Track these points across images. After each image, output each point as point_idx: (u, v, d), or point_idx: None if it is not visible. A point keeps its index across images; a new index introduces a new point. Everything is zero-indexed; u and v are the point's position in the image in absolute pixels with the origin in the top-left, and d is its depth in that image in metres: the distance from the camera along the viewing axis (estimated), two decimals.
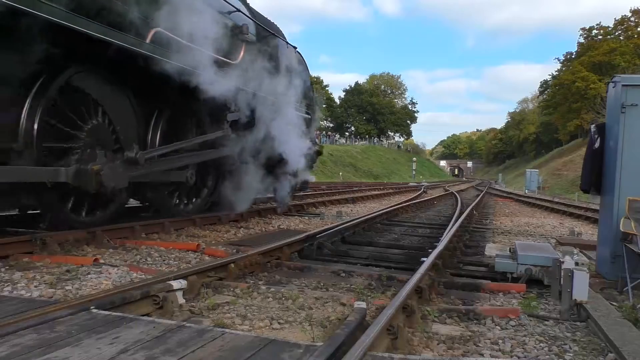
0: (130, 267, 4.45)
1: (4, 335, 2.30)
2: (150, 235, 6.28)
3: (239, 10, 7.91)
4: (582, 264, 4.73)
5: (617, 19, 58.79)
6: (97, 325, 2.51)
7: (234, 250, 5.56)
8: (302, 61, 10.65)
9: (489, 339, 3.05)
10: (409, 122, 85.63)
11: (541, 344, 3.00)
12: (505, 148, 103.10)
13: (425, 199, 17.20)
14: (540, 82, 75.71)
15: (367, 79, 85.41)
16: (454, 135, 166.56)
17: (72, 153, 5.50)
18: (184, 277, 3.67)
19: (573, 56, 63.11)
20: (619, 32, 58.65)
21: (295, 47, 10.29)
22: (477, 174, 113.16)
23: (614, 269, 4.61)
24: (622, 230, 4.42)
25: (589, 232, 9.47)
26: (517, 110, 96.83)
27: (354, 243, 6.73)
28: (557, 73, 66.00)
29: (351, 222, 7.69)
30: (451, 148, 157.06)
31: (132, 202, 8.66)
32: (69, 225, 5.64)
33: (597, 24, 60.58)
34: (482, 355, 2.81)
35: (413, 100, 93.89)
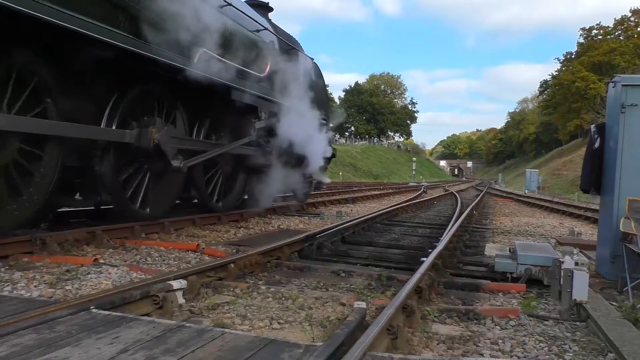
0: (130, 267, 4.45)
1: (4, 335, 2.30)
2: (150, 235, 6.27)
3: (266, 29, 8.96)
4: (582, 264, 4.73)
5: (617, 19, 58.87)
6: (97, 325, 2.51)
7: (234, 250, 5.56)
8: (318, 71, 11.69)
9: (489, 339, 3.05)
10: (408, 122, 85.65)
11: (541, 344, 3.00)
12: (505, 148, 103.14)
13: (425, 199, 17.20)
14: (540, 82, 75.82)
15: (367, 79, 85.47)
16: (453, 135, 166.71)
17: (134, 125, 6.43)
18: (184, 277, 3.67)
19: (573, 56, 63.13)
20: (619, 32, 58.67)
21: (312, 59, 11.42)
22: (477, 174, 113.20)
23: (614, 269, 4.61)
24: (622, 230, 4.42)
25: (588, 232, 9.47)
26: (517, 110, 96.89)
27: (354, 243, 6.73)
28: (557, 73, 66.02)
29: (351, 222, 7.70)
30: (451, 148, 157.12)
31: None
32: (134, 219, 6.47)
33: (597, 24, 60.68)
34: (482, 355, 2.81)
35: (413, 100, 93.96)
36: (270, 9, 10.43)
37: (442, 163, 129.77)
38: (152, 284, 3.37)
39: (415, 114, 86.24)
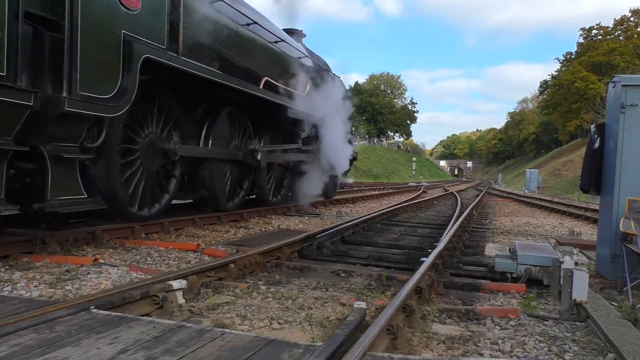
0: (130, 267, 4.45)
1: (4, 335, 2.30)
2: (150, 235, 6.28)
3: (306, 56, 11.30)
4: (582, 264, 4.73)
5: (616, 19, 58.86)
6: (96, 325, 2.51)
7: (234, 250, 5.55)
8: (343, 86, 13.55)
9: (489, 339, 3.06)
10: (408, 122, 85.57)
11: (541, 344, 3.00)
12: (505, 148, 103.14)
13: (425, 199, 17.20)
14: (540, 82, 75.80)
15: (366, 79, 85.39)
16: (453, 135, 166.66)
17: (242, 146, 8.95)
18: (184, 277, 3.67)
19: (573, 56, 63.13)
20: (619, 32, 58.67)
21: (338, 77, 13.61)
22: (477, 174, 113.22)
23: (614, 269, 4.62)
24: (621, 230, 4.42)
25: (588, 232, 9.47)
26: (517, 110, 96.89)
27: (354, 243, 6.73)
28: (556, 73, 66.03)
29: (351, 222, 7.70)
30: (451, 148, 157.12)
31: None
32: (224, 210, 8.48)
33: (596, 24, 60.64)
34: (481, 355, 2.81)
35: (413, 100, 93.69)
36: (304, 35, 12.40)
37: (442, 163, 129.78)
38: (152, 284, 3.37)
39: (415, 114, 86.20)
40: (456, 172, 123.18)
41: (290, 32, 11.38)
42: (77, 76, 4.65)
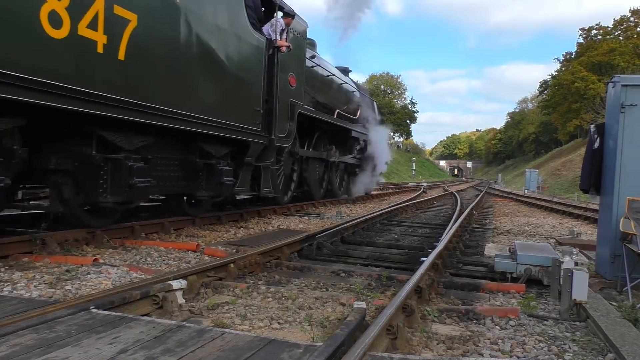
0: (130, 267, 4.45)
1: (4, 335, 2.30)
2: (149, 235, 6.27)
3: (356, 89, 15.56)
4: (582, 264, 4.74)
5: (616, 19, 58.88)
6: (96, 325, 2.51)
7: (234, 250, 5.55)
8: (376, 105, 18.38)
9: (489, 339, 3.06)
10: (408, 122, 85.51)
11: (541, 344, 3.00)
12: (505, 148, 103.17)
13: (425, 199, 17.20)
14: (540, 82, 75.82)
15: (367, 79, 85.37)
16: (453, 135, 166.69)
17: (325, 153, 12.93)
18: (184, 277, 3.67)
19: (572, 56, 63.15)
20: (619, 32, 58.69)
21: (373, 100, 18.64)
22: (477, 174, 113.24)
23: (614, 269, 4.61)
24: (621, 230, 4.42)
25: (588, 232, 9.47)
26: (517, 110, 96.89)
27: (354, 243, 6.73)
28: (556, 73, 66.05)
29: (351, 222, 7.70)
30: (451, 148, 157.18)
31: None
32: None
33: (596, 24, 60.67)
34: (481, 355, 2.81)
35: (413, 100, 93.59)
36: (350, 71, 16.00)
37: (442, 163, 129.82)
38: (152, 284, 3.37)
39: (415, 114, 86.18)
40: (456, 172, 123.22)
41: (343, 70, 14.91)
42: (276, 126, 8.35)
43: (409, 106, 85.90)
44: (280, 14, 8.38)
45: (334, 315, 3.33)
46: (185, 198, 7.51)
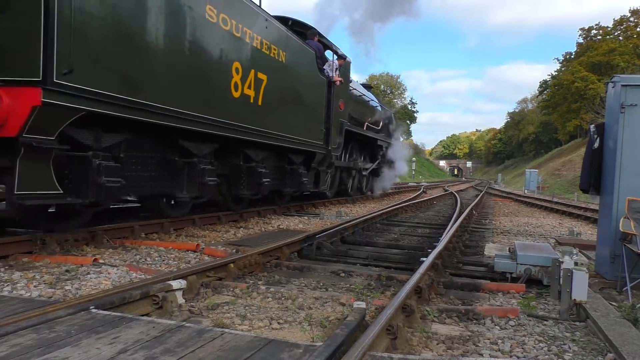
0: (130, 267, 4.45)
1: (4, 335, 2.30)
2: (149, 235, 6.27)
3: (379, 104, 18.27)
4: (582, 264, 4.73)
5: (616, 19, 58.89)
6: (96, 325, 2.51)
7: (234, 250, 5.55)
8: (394, 117, 21.04)
9: (489, 339, 3.06)
10: (408, 122, 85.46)
11: (540, 344, 3.00)
12: (505, 148, 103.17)
13: (425, 199, 17.20)
14: (540, 82, 75.82)
15: (366, 79, 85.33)
16: (453, 135, 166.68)
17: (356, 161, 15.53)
18: (184, 277, 3.67)
19: (572, 56, 63.15)
20: (618, 32, 58.71)
21: (391, 111, 21.21)
22: (477, 174, 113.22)
23: (613, 268, 4.62)
24: (621, 230, 4.42)
25: (588, 232, 9.47)
26: (517, 110, 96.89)
27: (354, 243, 6.73)
28: (556, 73, 66.06)
29: (350, 222, 7.70)
30: (450, 148, 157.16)
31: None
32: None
33: (596, 24, 60.69)
34: (481, 355, 2.81)
35: (412, 100, 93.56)
36: (371, 87, 19.35)
37: (442, 163, 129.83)
38: (152, 284, 3.37)
39: (415, 114, 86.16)
40: (456, 172, 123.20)
41: (367, 86, 18.20)
42: (331, 140, 10.98)
43: (409, 106, 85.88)
44: (335, 57, 11.39)
45: (334, 315, 3.33)
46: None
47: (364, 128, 15.24)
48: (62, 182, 4.71)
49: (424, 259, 4.73)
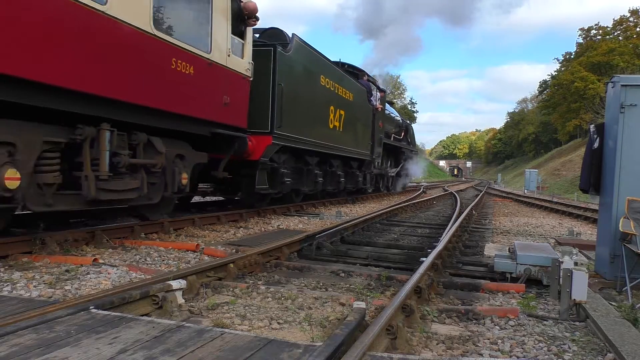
0: (130, 267, 4.45)
1: (4, 335, 2.30)
2: (149, 235, 6.27)
3: (398, 116, 22.84)
4: (581, 264, 4.73)
5: (615, 19, 58.91)
6: (96, 325, 2.51)
7: (233, 250, 5.55)
8: (412, 127, 25.54)
9: (488, 339, 3.06)
10: (408, 122, 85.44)
11: (540, 344, 3.00)
12: (505, 148, 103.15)
13: (425, 199, 17.21)
14: (540, 82, 75.85)
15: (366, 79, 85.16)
16: (453, 135, 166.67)
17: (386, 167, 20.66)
18: (183, 277, 3.67)
19: (572, 56, 63.15)
20: (618, 32, 58.72)
21: (409, 123, 25.75)
22: (476, 174, 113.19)
23: (613, 268, 4.62)
24: (621, 230, 4.42)
25: (588, 232, 9.47)
26: (516, 110, 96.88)
27: (353, 243, 6.73)
28: (556, 73, 66.06)
29: (350, 222, 7.70)
30: (450, 148, 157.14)
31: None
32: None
33: (595, 24, 60.70)
34: (481, 355, 2.81)
35: (412, 100, 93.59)
36: (394, 103, 27.16)
37: (442, 163, 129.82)
38: (152, 284, 3.37)
39: (415, 114, 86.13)
40: (455, 172, 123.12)
41: (391, 103, 22.89)
42: (374, 151, 16.44)
43: (409, 106, 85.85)
44: (377, 90, 16.80)
45: (334, 315, 3.33)
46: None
47: (391, 139, 20.17)
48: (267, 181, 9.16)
49: (424, 259, 4.73)
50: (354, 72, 15.48)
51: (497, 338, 3.07)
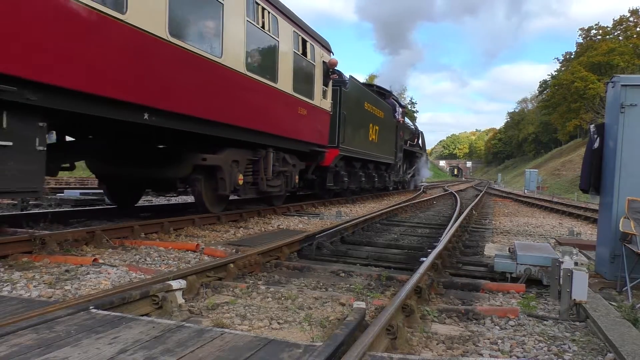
0: (130, 267, 4.45)
1: (4, 335, 2.30)
2: (149, 235, 6.27)
3: (413, 125, 28.31)
4: (581, 264, 4.73)
5: (615, 19, 58.91)
6: (96, 325, 2.50)
7: (233, 250, 5.55)
8: (422, 133, 29.58)
9: (488, 339, 3.06)
10: (420, 130, 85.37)
11: (540, 344, 3.00)
12: (505, 148, 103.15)
13: (425, 199, 17.21)
14: (540, 82, 75.82)
15: (366, 79, 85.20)
16: (453, 135, 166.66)
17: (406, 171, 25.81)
18: (183, 277, 3.67)
19: (572, 56, 63.14)
20: (618, 32, 58.72)
21: (418, 128, 29.33)
22: (476, 174, 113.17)
23: (613, 268, 4.61)
24: (621, 230, 4.42)
25: (588, 232, 9.47)
26: (517, 110, 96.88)
27: (354, 243, 6.73)
28: (556, 73, 66.04)
29: (350, 222, 7.70)
30: (450, 148, 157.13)
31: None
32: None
33: (595, 24, 60.70)
34: (481, 355, 2.81)
35: (412, 100, 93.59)
36: (407, 113, 26.81)
37: (442, 163, 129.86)
38: (152, 284, 3.37)
39: (415, 114, 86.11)
40: (455, 172, 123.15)
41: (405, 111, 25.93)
42: (397, 155, 21.26)
43: (409, 106, 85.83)
44: (400, 107, 21.49)
45: (334, 315, 3.33)
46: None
47: (407, 145, 23.87)
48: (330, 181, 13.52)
49: (424, 259, 4.73)
50: (383, 93, 20.50)
51: (497, 338, 3.07)
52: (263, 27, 8.26)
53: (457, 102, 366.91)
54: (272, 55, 8.72)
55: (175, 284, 3.43)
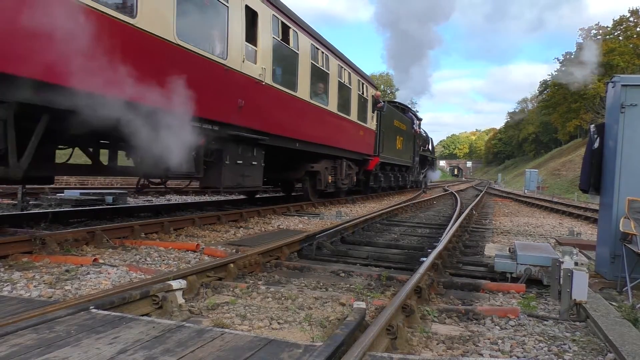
0: (130, 267, 4.45)
1: (4, 335, 2.30)
2: (149, 235, 6.27)
3: (426, 132, 32.15)
4: (582, 264, 4.73)
5: (615, 19, 58.88)
6: (96, 325, 2.50)
7: (234, 250, 5.55)
8: (431, 138, 33.93)
9: (489, 339, 3.06)
10: (430, 137, 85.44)
11: (540, 344, 3.00)
12: (505, 148, 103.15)
13: (425, 199, 17.21)
14: (540, 82, 75.81)
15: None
16: (453, 135, 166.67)
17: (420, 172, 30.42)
18: (184, 277, 3.67)
19: (572, 56, 63.08)
20: (618, 32, 58.69)
21: (429, 136, 33.73)
22: (477, 174, 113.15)
23: (614, 269, 4.61)
24: (621, 230, 4.42)
25: (588, 232, 9.47)
26: (517, 110, 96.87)
27: (354, 243, 6.73)
28: (556, 73, 66.00)
29: (351, 222, 7.69)
30: (450, 148, 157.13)
31: (133, 202, 8.71)
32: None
33: (595, 24, 60.67)
34: (481, 355, 2.81)
35: (413, 101, 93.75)
36: (421, 119, 29.33)
37: (442, 163, 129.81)
38: (152, 284, 3.37)
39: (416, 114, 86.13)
40: (456, 172, 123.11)
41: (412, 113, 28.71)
42: (414, 159, 26.26)
43: (410, 106, 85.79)
44: (416, 120, 26.58)
45: (334, 315, 3.33)
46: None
47: (420, 150, 27.35)
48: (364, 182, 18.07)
49: (424, 259, 4.73)
50: (403, 108, 25.69)
51: (498, 338, 3.07)
52: (345, 81, 13.27)
53: (459, 102, 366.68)
54: (349, 97, 13.80)
55: (176, 284, 3.42)
